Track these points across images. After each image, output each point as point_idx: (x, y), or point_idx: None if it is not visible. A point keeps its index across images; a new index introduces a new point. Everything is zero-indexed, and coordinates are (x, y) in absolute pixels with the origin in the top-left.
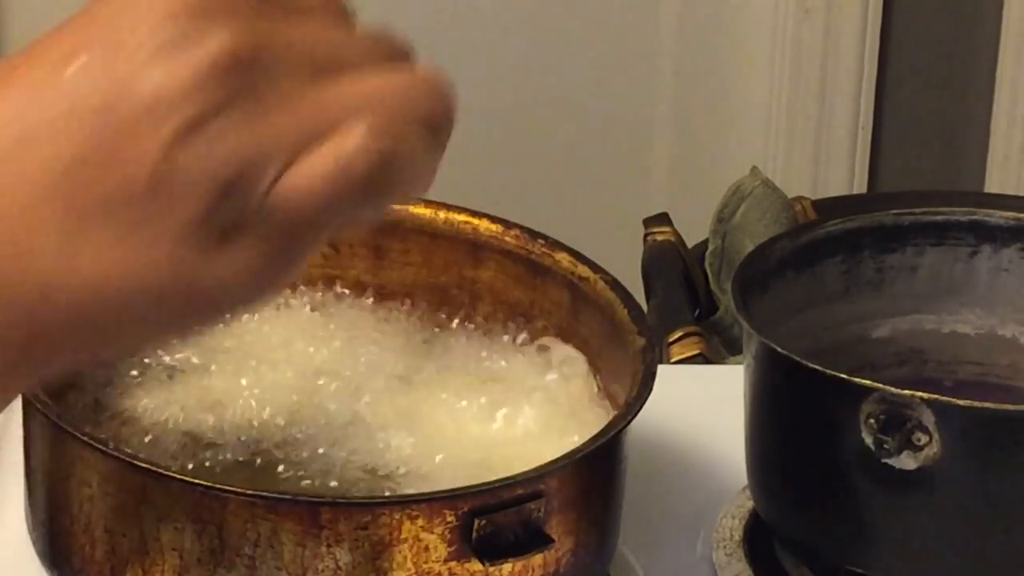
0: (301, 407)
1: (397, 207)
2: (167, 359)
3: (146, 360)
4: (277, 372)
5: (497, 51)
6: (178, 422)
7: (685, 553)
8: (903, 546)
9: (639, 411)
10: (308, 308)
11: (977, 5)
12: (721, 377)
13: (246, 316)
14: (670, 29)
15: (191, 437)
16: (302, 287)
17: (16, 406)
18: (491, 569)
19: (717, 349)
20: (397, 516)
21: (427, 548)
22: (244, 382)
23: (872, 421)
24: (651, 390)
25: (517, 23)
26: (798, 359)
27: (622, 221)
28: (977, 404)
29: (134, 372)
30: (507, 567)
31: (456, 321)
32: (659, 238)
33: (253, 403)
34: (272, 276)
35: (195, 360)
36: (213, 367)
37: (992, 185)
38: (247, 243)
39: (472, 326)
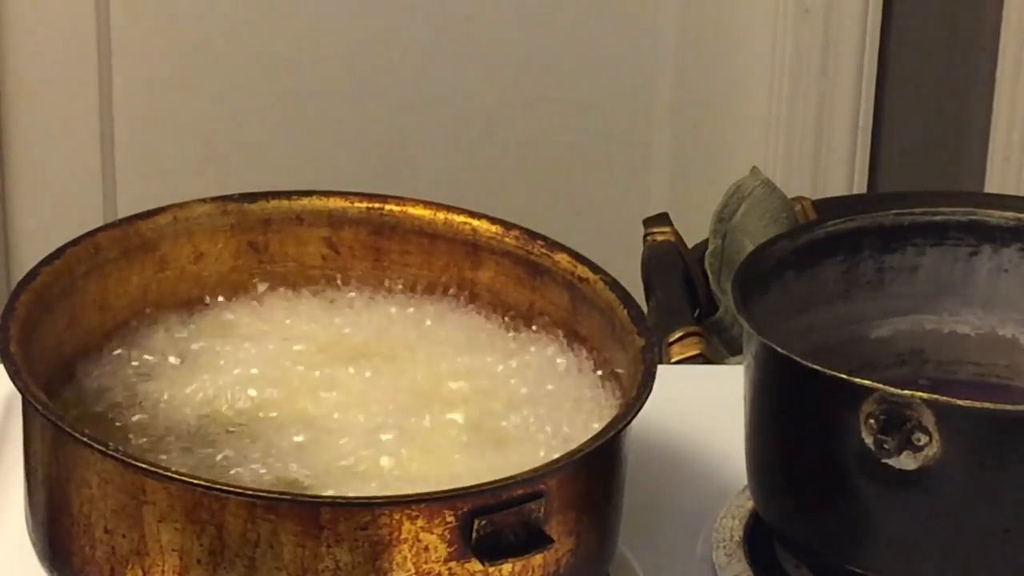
0: (300, 406)
1: (396, 208)
2: (166, 355)
3: (145, 358)
4: (276, 371)
5: (497, 51)
6: (176, 419)
7: (685, 553)
8: (903, 546)
9: (639, 411)
10: (310, 307)
11: (977, 5)
12: (721, 377)
13: (243, 313)
14: (670, 29)
15: (190, 437)
16: (304, 288)
17: (16, 406)
18: (491, 569)
19: (717, 349)
20: (397, 516)
21: (427, 548)
22: (237, 382)
23: (872, 421)
24: (651, 390)
25: (517, 23)
26: (798, 359)
27: (622, 221)
28: (977, 404)
29: (135, 363)
30: (507, 567)
31: (456, 321)
32: (659, 238)
33: (251, 404)
34: None
35: (195, 360)
36: (211, 364)
37: (992, 185)
38: None
39: (472, 326)
